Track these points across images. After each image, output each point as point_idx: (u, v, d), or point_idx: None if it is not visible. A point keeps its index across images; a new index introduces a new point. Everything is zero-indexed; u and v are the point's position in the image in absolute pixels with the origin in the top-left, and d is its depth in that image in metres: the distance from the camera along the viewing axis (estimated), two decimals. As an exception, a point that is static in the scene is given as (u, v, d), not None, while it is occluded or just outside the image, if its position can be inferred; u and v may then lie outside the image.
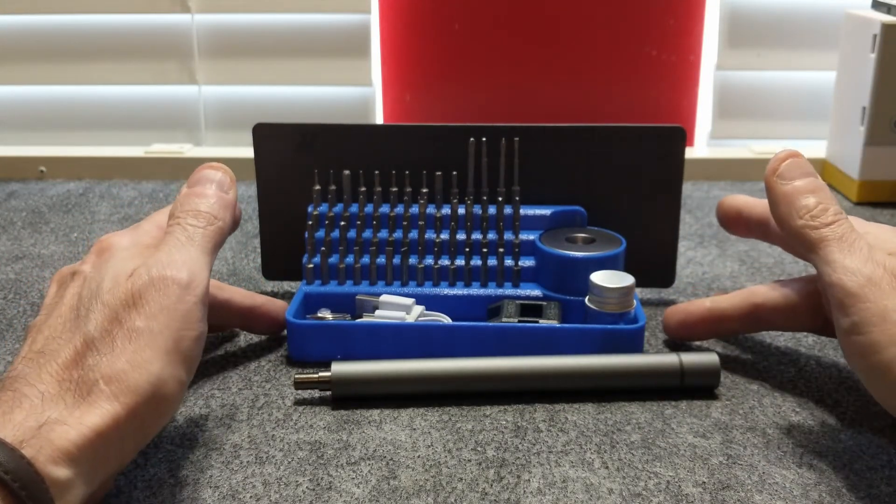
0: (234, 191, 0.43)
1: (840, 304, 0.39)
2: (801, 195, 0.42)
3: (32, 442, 0.30)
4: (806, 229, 0.41)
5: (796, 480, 0.39)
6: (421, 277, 0.52)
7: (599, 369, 0.45)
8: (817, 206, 0.41)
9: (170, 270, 0.36)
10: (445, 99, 0.93)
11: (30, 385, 0.32)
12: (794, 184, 0.42)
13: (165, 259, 0.37)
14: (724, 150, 0.89)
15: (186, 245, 0.38)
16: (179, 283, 0.36)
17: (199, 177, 0.42)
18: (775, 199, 0.43)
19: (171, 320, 0.35)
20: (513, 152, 0.53)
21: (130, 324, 0.34)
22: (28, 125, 0.96)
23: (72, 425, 0.31)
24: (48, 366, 0.33)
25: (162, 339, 0.35)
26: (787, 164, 0.43)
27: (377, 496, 0.37)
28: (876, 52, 0.72)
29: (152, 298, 0.35)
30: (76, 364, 0.33)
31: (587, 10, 0.89)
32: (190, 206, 0.41)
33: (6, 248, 0.68)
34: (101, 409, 0.32)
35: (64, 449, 0.31)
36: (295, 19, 0.91)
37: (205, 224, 0.40)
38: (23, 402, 0.32)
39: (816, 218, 0.41)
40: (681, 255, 0.64)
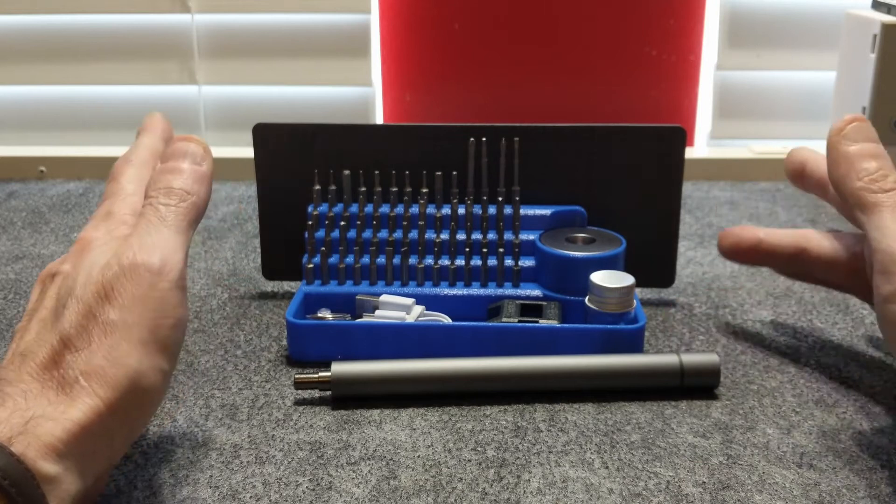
0: (208, 162, 0.41)
1: (884, 270, 0.39)
2: (863, 158, 0.42)
3: (20, 438, 0.30)
4: (863, 192, 0.41)
5: (796, 480, 0.39)
6: (421, 277, 0.52)
7: (599, 369, 0.45)
8: (878, 170, 0.41)
9: (140, 256, 0.35)
10: (445, 99, 0.93)
11: (12, 385, 0.32)
12: (857, 146, 0.42)
13: (136, 245, 0.36)
14: (724, 150, 0.89)
15: (158, 226, 0.37)
16: (151, 269, 0.35)
17: (171, 151, 0.41)
18: (836, 160, 0.43)
19: (146, 310, 0.34)
20: (513, 152, 0.53)
21: (104, 317, 0.34)
22: (28, 125, 0.96)
23: (56, 420, 0.31)
24: (27, 366, 0.33)
25: (137, 330, 0.34)
26: (854, 126, 0.43)
27: (377, 496, 0.37)
28: (876, 52, 0.72)
29: (124, 289, 0.34)
30: (55, 363, 0.33)
31: (587, 10, 0.89)
32: (162, 183, 0.39)
33: (6, 248, 0.68)
34: (82, 403, 0.32)
35: (50, 444, 0.31)
36: (295, 19, 0.91)
37: (177, 201, 0.38)
38: (6, 401, 0.32)
39: (876, 182, 0.41)
40: (681, 255, 0.64)
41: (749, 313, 0.55)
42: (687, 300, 0.57)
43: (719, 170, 0.85)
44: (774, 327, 0.54)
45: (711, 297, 0.58)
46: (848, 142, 0.43)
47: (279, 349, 0.51)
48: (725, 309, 0.56)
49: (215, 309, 0.56)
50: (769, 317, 0.55)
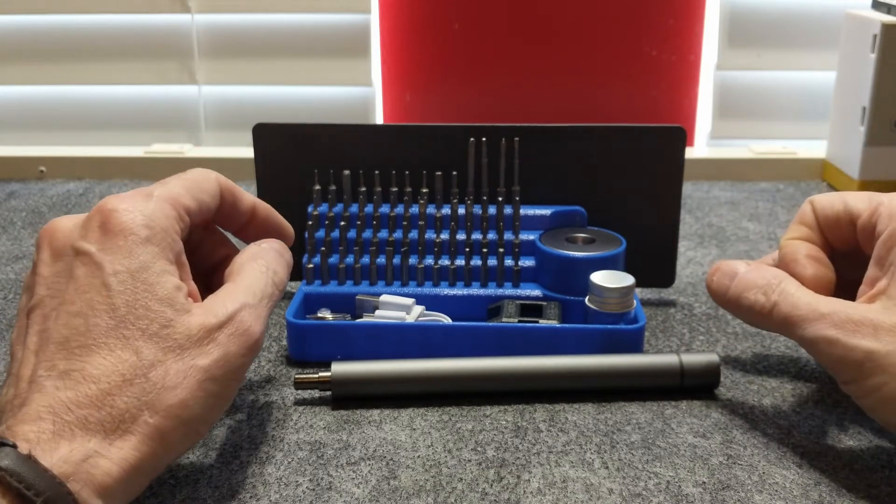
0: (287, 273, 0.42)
1: (859, 376, 0.37)
2: (742, 296, 0.42)
3: (77, 476, 0.30)
4: (772, 322, 0.41)
5: (796, 480, 0.39)
6: (421, 277, 0.52)
7: (599, 369, 0.45)
8: (756, 296, 0.41)
9: (248, 322, 0.36)
10: (445, 99, 0.93)
11: (70, 409, 0.31)
12: (731, 291, 0.43)
13: (246, 308, 0.37)
14: (724, 150, 0.89)
15: (266, 302, 0.38)
16: (252, 340, 0.36)
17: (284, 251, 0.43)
18: (730, 310, 0.44)
19: (231, 371, 0.35)
20: (513, 152, 0.53)
21: (191, 361, 0.34)
22: (28, 125, 0.96)
23: (113, 460, 0.31)
24: (86, 387, 0.32)
25: (218, 384, 0.34)
26: (716, 278, 0.44)
27: (377, 496, 0.37)
28: (876, 52, 0.72)
29: (225, 342, 0.35)
30: (120, 390, 0.32)
31: (587, 11, 0.89)
32: (279, 267, 0.41)
33: (6, 248, 0.68)
34: (141, 443, 0.32)
35: (104, 484, 0.31)
36: (295, 19, 0.91)
37: (279, 291, 0.40)
38: (64, 430, 0.31)
39: (765, 307, 0.41)
40: (681, 255, 0.64)
41: (749, 313, 0.55)
42: (687, 300, 0.57)
43: (719, 170, 0.85)
44: (774, 327, 0.54)
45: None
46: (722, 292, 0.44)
47: (279, 349, 0.51)
48: (725, 309, 0.56)
49: (215, 309, 0.56)
50: (769, 317, 0.55)
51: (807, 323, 0.39)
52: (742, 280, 0.43)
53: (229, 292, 0.37)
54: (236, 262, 0.40)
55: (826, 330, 0.38)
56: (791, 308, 0.40)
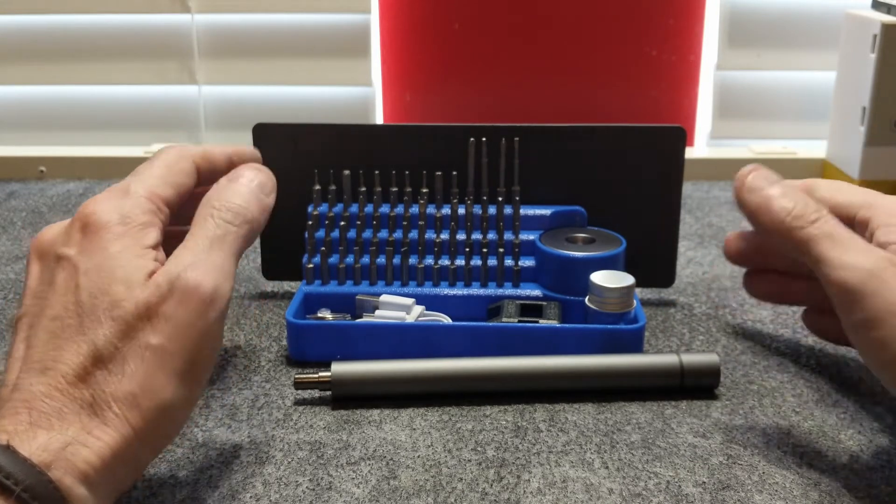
0: (273, 197, 0.40)
1: (843, 302, 0.37)
2: (775, 200, 0.41)
3: (59, 465, 0.30)
4: (793, 232, 0.39)
5: (796, 480, 0.39)
6: (421, 277, 0.52)
7: (599, 369, 0.45)
8: (794, 206, 0.40)
9: (194, 280, 0.33)
10: (445, 99, 0.93)
11: (42, 401, 0.31)
12: (764, 192, 0.41)
13: (189, 265, 0.34)
14: (724, 150, 0.89)
15: (216, 247, 0.35)
16: (204, 297, 0.33)
17: (244, 171, 0.39)
18: (753, 212, 0.42)
19: (189, 340, 0.33)
20: (513, 152, 0.53)
21: (144, 340, 0.32)
22: (28, 125, 0.96)
23: (90, 447, 0.31)
24: (55, 380, 0.32)
25: (178, 360, 0.33)
26: (752, 176, 0.42)
27: (377, 496, 0.37)
28: (876, 52, 0.72)
29: (172, 313, 0.33)
30: (84, 381, 0.32)
31: (587, 11, 0.89)
32: (230, 197, 0.37)
33: (6, 248, 0.68)
34: (115, 431, 0.31)
35: (84, 472, 0.30)
36: (295, 19, 0.91)
37: (240, 222, 0.37)
38: (41, 420, 0.31)
39: (799, 218, 0.39)
40: (681, 255, 0.64)
41: (749, 313, 0.55)
42: (687, 300, 0.57)
43: (719, 170, 0.85)
44: (774, 327, 0.54)
45: (711, 297, 0.58)
46: (754, 192, 0.41)
47: (279, 349, 0.51)
48: (725, 309, 0.56)
49: (215, 309, 0.56)
50: (769, 317, 0.55)
51: (846, 246, 0.38)
52: (785, 186, 0.41)
53: (174, 256, 0.35)
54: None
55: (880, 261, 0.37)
56: (834, 230, 0.39)
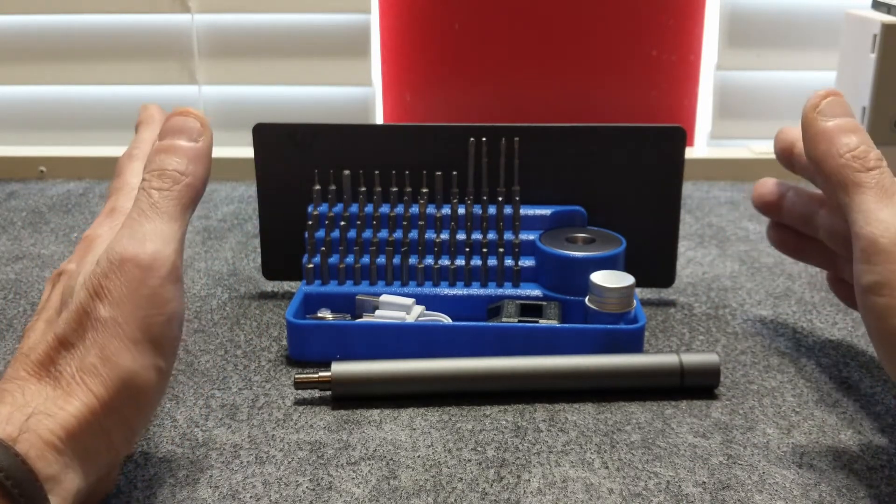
0: (205, 137, 0.38)
1: (865, 257, 0.36)
2: (842, 133, 0.39)
3: (24, 437, 0.30)
4: (846, 169, 0.38)
5: (796, 480, 0.39)
6: (421, 277, 0.52)
7: (599, 369, 0.45)
8: (859, 146, 0.39)
9: (129, 250, 0.34)
10: (445, 99, 0.93)
11: (10, 381, 0.32)
12: (835, 121, 0.40)
13: (126, 237, 0.34)
14: (724, 150, 0.89)
15: (150, 215, 0.35)
16: (140, 264, 0.34)
17: (166, 127, 0.38)
18: (815, 137, 0.40)
19: (136, 307, 0.33)
20: (513, 152, 0.53)
21: (96, 315, 0.33)
22: (28, 125, 0.96)
23: (54, 417, 0.31)
24: (23, 363, 0.33)
25: (128, 328, 0.33)
26: (829, 101, 0.40)
27: (377, 496, 0.37)
28: (876, 52, 0.72)
29: (113, 286, 0.33)
30: (50, 360, 0.33)
31: (587, 11, 0.89)
32: (155, 164, 0.37)
33: (6, 248, 0.68)
34: (77, 400, 0.32)
35: (50, 442, 0.31)
36: (295, 19, 0.91)
37: (170, 184, 0.36)
38: (5, 397, 0.32)
39: (858, 159, 0.38)
40: (681, 255, 0.64)
41: (749, 313, 0.55)
42: (687, 300, 0.57)
43: (719, 170, 0.85)
44: (774, 327, 0.54)
45: (711, 297, 0.58)
46: (825, 117, 0.40)
47: (279, 349, 0.51)
48: (725, 309, 0.56)
49: (215, 309, 0.56)
50: (769, 317, 0.55)
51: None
52: (856, 124, 0.40)
53: (114, 236, 0.36)
54: None
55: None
56: (888, 183, 0.38)
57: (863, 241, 0.37)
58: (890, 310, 0.35)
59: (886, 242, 0.36)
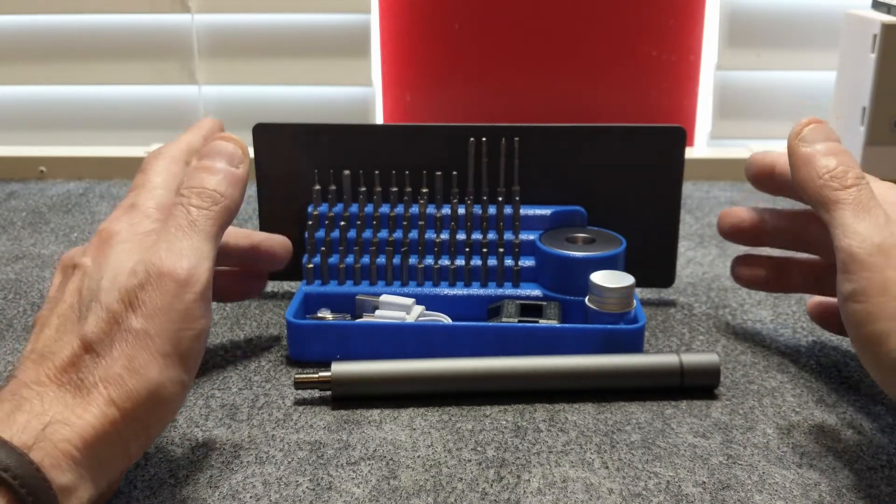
0: (245, 165, 0.40)
1: (844, 267, 0.38)
2: (822, 156, 0.41)
3: (39, 446, 0.30)
4: (825, 189, 0.40)
5: (796, 480, 0.39)
6: (421, 277, 0.52)
7: (599, 369, 0.45)
8: (837, 167, 0.41)
9: (167, 265, 0.35)
10: (445, 99, 0.93)
11: (29, 387, 0.32)
12: (815, 146, 0.42)
13: (164, 251, 0.35)
14: (724, 150, 0.89)
15: (188, 232, 0.36)
16: (177, 279, 0.34)
17: (209, 149, 0.40)
18: (797, 162, 0.42)
19: (169, 321, 0.34)
20: (513, 152, 0.53)
21: (127, 325, 0.33)
22: (28, 125, 0.96)
23: (73, 426, 0.31)
24: (45, 367, 0.33)
25: (159, 341, 0.34)
26: (811, 128, 0.43)
27: (377, 496, 0.37)
28: (876, 52, 0.72)
29: (149, 298, 0.34)
30: (74, 366, 0.33)
31: (587, 11, 0.89)
32: (195, 182, 0.38)
33: (6, 248, 0.68)
34: (98, 410, 0.32)
35: (67, 452, 0.31)
36: (295, 19, 0.91)
37: (209, 204, 0.37)
38: (23, 404, 0.31)
39: (836, 178, 0.40)
40: (681, 255, 0.64)
41: (749, 313, 0.55)
42: (687, 300, 0.57)
43: (719, 170, 0.85)
44: (774, 327, 0.54)
45: (711, 297, 0.58)
46: (805, 143, 0.42)
47: (279, 349, 0.51)
48: (725, 309, 0.56)
49: (215, 309, 0.56)
50: (769, 317, 0.55)
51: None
52: (837, 147, 0.42)
53: (150, 247, 0.36)
54: None
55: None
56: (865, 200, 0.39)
57: (842, 253, 0.39)
58: (867, 315, 0.37)
59: (862, 253, 0.38)
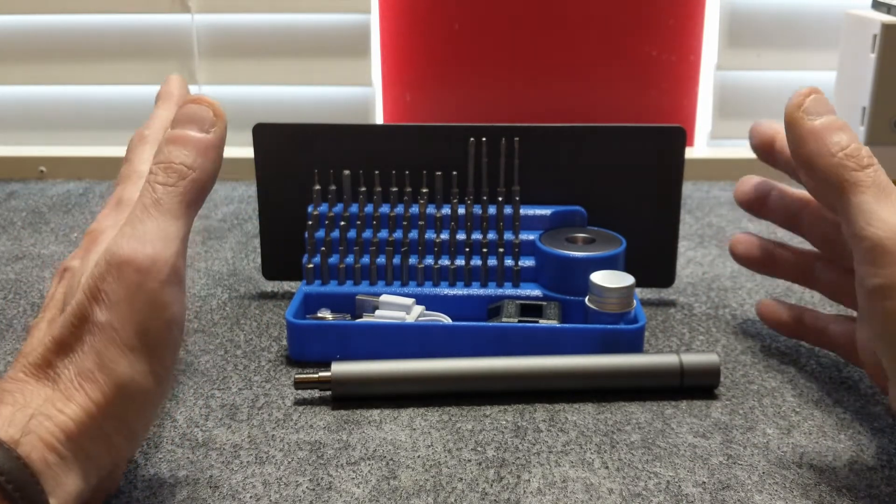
0: (218, 128, 0.36)
1: (870, 259, 0.35)
2: (832, 131, 0.38)
3: (26, 439, 0.30)
4: (841, 169, 0.37)
5: (796, 480, 0.39)
6: (421, 277, 0.52)
7: (599, 369, 0.45)
8: (850, 144, 0.37)
9: (127, 252, 0.32)
10: (445, 99, 0.93)
11: (9, 381, 0.32)
12: (822, 119, 0.38)
13: (126, 238, 0.33)
14: (724, 150, 0.89)
15: (152, 212, 0.33)
16: (138, 267, 0.32)
17: (177, 117, 0.36)
18: (802, 136, 0.39)
19: (133, 312, 0.32)
20: (513, 152, 0.53)
21: (93, 318, 0.32)
22: (28, 125, 0.96)
23: (55, 419, 0.31)
24: (22, 364, 0.33)
25: (125, 333, 0.32)
26: (813, 98, 0.39)
27: (377, 496, 0.37)
28: (876, 52, 0.72)
29: (110, 289, 0.32)
30: (48, 363, 0.32)
31: (587, 11, 0.89)
32: (161, 156, 0.35)
33: (6, 248, 0.68)
34: (76, 404, 0.31)
35: (52, 445, 0.30)
36: (295, 19, 0.91)
37: (175, 179, 0.34)
38: (5, 397, 0.31)
39: (852, 158, 0.37)
40: (681, 255, 0.64)
41: (749, 313, 0.55)
42: (687, 300, 0.57)
43: (719, 170, 0.85)
44: (774, 327, 0.54)
45: (711, 297, 0.58)
46: (811, 115, 0.39)
47: (279, 349, 0.51)
48: (725, 309, 0.56)
49: (215, 309, 0.56)
50: (769, 317, 0.55)
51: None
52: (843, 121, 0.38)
53: (114, 235, 0.34)
54: None
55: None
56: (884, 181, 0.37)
57: (867, 243, 0.35)
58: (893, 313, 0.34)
59: (892, 244, 0.35)
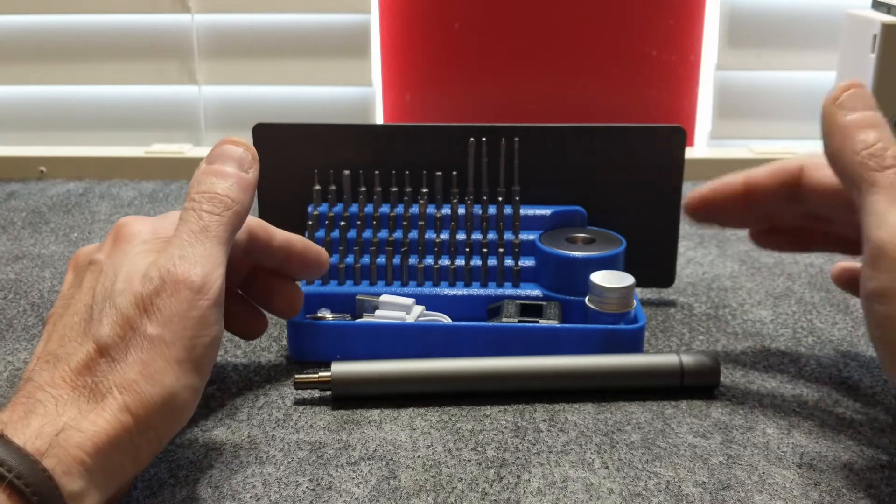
0: (255, 170, 0.39)
1: (871, 261, 0.35)
2: (860, 128, 0.37)
3: (52, 452, 0.30)
4: (860, 167, 0.36)
5: (796, 480, 0.39)
6: (421, 277, 0.52)
7: (599, 369, 0.45)
8: (876, 142, 0.37)
9: (182, 272, 0.34)
10: (445, 99, 0.93)
11: (43, 390, 0.32)
12: (855, 115, 0.38)
13: (177, 257, 0.35)
14: (724, 150, 0.89)
15: (200, 237, 0.36)
16: (192, 286, 0.34)
17: (218, 153, 0.39)
18: (831, 131, 0.38)
19: (184, 328, 0.34)
20: (513, 152, 0.53)
21: (142, 331, 0.33)
22: (28, 125, 0.96)
23: (86, 432, 0.31)
24: (61, 370, 0.32)
25: (175, 348, 0.33)
26: (850, 93, 0.38)
27: (377, 496, 0.37)
28: (876, 52, 0.72)
29: (164, 305, 0.34)
30: (89, 370, 0.32)
31: (587, 11, 0.89)
32: (206, 187, 0.37)
33: (6, 248, 0.68)
34: (112, 416, 0.32)
35: (79, 458, 0.30)
36: (295, 19, 0.91)
37: (221, 210, 0.37)
38: (37, 407, 0.31)
39: (874, 157, 0.36)
40: (681, 255, 0.64)
41: (749, 313, 0.55)
42: (687, 300, 0.57)
43: (719, 170, 0.84)
44: (774, 327, 0.54)
45: (711, 297, 0.58)
46: (844, 111, 0.38)
47: (279, 349, 0.51)
48: (725, 309, 0.56)
49: (215, 309, 0.56)
50: (769, 317, 0.55)
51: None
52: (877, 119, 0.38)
53: (163, 252, 0.36)
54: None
55: None
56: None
57: (870, 245, 0.35)
58: (890, 320, 0.34)
59: (893, 249, 0.34)
